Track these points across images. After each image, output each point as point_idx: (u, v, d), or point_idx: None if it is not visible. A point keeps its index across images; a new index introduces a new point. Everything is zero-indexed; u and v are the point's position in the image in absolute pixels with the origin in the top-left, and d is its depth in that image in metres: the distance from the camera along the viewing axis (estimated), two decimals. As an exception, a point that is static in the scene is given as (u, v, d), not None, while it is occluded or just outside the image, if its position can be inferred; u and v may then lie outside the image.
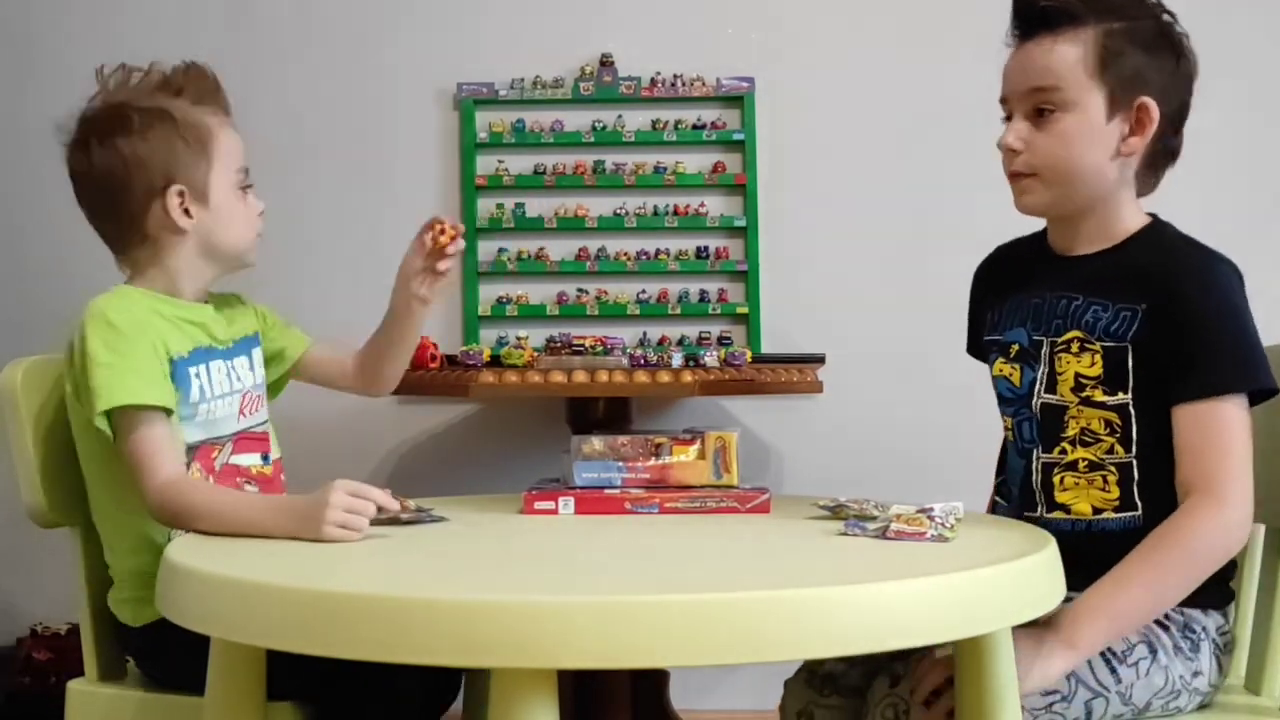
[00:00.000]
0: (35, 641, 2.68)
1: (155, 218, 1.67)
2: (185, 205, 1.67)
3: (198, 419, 1.67)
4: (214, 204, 1.69)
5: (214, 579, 1.22)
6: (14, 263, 3.00)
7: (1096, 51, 1.54)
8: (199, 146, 1.68)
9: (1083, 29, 1.54)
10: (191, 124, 1.68)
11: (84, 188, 1.71)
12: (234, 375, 1.74)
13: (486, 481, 2.75)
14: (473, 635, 1.05)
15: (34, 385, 1.71)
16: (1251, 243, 2.75)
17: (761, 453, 2.87)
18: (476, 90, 2.91)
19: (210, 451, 1.70)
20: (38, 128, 3.08)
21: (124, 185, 1.66)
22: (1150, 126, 1.55)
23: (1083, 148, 1.55)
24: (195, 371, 1.68)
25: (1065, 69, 1.54)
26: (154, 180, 1.66)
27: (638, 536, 1.48)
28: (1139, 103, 1.54)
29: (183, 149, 1.67)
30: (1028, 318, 1.63)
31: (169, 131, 1.67)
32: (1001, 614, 1.23)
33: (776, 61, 2.90)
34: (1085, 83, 1.54)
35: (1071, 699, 1.47)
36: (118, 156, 1.66)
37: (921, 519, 1.42)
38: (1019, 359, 1.63)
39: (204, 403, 1.68)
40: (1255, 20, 2.86)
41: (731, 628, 1.06)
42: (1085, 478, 1.56)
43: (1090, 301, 1.57)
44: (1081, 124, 1.55)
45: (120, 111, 1.67)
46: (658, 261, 2.88)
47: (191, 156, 1.67)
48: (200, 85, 1.72)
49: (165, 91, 1.70)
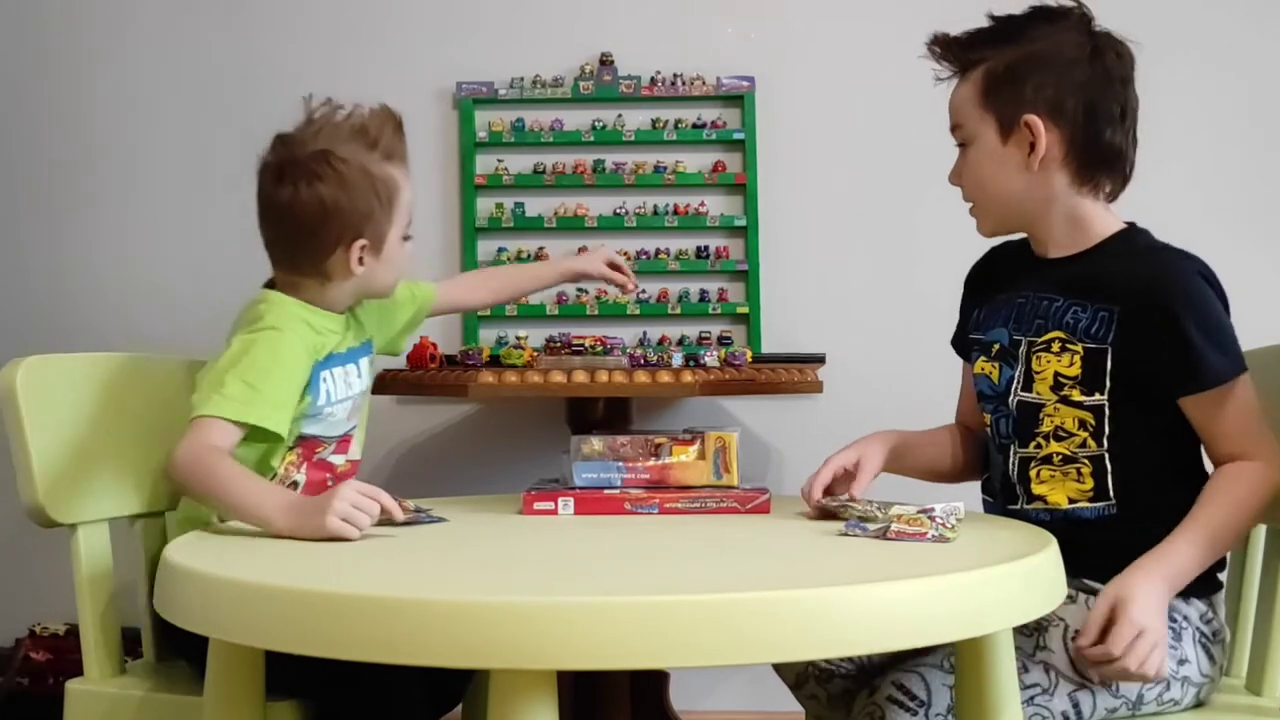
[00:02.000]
0: (34, 642, 2.67)
1: (335, 260, 1.75)
2: (362, 256, 1.75)
3: (321, 418, 1.76)
4: (385, 254, 1.77)
5: (214, 579, 1.22)
6: (15, 262, 3.00)
7: (981, 85, 1.64)
8: (387, 203, 1.75)
9: (977, 67, 1.65)
10: (384, 181, 1.75)
11: (276, 219, 1.77)
12: (348, 381, 1.81)
13: (486, 481, 2.74)
14: (472, 636, 1.05)
15: (34, 384, 1.71)
16: (1252, 243, 2.77)
17: (761, 453, 2.87)
18: (476, 89, 2.90)
19: (316, 446, 1.78)
20: (38, 127, 3.08)
21: (317, 229, 1.73)
22: (1040, 140, 1.60)
23: (990, 173, 1.65)
24: (324, 376, 1.76)
25: (962, 106, 1.67)
26: (344, 232, 1.73)
27: (637, 537, 1.48)
28: (1025, 120, 1.61)
29: (375, 206, 1.74)
30: (1010, 318, 1.68)
31: (367, 189, 1.73)
32: (1001, 614, 1.23)
33: (776, 61, 2.90)
34: (977, 115, 1.65)
35: (1053, 692, 1.50)
36: (317, 204, 1.72)
37: (922, 519, 1.42)
38: (998, 357, 1.68)
39: (329, 405, 1.77)
40: (1251, 18, 2.86)
41: (731, 628, 1.06)
42: (1060, 470, 1.61)
43: (1070, 303, 1.61)
44: (982, 153, 1.66)
45: (326, 159, 1.72)
46: (658, 261, 2.88)
47: (380, 213, 1.75)
48: (393, 140, 1.78)
49: (363, 141, 1.75)
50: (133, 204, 2.99)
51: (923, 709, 1.47)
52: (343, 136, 1.75)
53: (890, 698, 1.49)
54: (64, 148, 3.00)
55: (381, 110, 1.80)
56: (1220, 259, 1.62)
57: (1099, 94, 1.61)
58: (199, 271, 2.96)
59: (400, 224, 1.78)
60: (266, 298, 1.77)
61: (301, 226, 1.73)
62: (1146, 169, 1.70)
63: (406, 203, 1.79)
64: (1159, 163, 1.80)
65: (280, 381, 1.68)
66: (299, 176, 1.72)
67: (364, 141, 1.75)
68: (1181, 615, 1.56)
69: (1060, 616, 1.53)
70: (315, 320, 1.76)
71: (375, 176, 1.74)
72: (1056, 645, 1.52)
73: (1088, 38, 1.63)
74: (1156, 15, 2.74)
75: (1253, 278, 1.70)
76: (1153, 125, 1.71)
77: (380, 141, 1.76)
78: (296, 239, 1.75)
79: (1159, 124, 1.77)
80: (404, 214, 1.79)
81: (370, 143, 1.75)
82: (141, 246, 2.98)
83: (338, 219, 1.72)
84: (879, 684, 1.52)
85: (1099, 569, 1.56)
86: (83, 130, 2.99)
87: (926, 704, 1.47)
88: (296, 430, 1.74)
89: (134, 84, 2.98)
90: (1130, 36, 1.66)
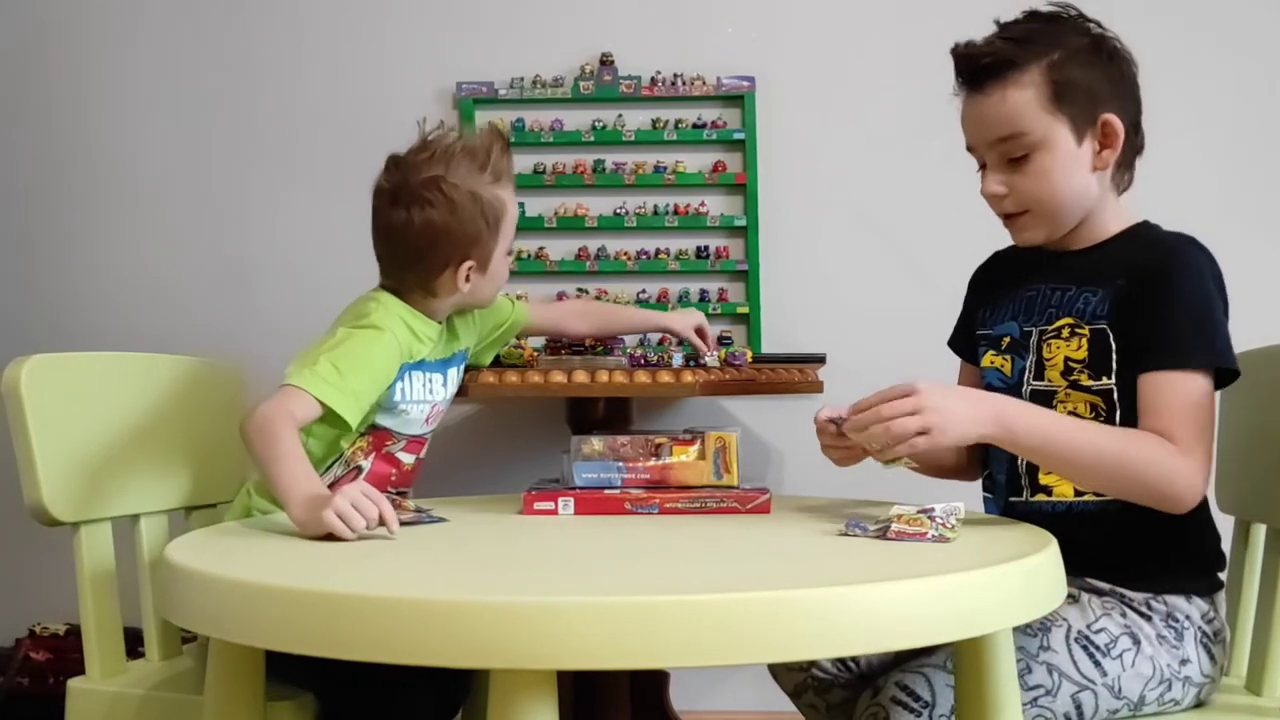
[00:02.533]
0: (34, 642, 2.67)
1: (443, 279, 1.83)
2: (469, 274, 1.83)
3: (395, 413, 1.83)
4: (490, 272, 1.87)
5: (214, 580, 1.22)
6: (16, 262, 3.00)
7: (1047, 87, 1.58)
8: (494, 225, 1.83)
9: (1026, 70, 1.59)
10: (492, 204, 1.82)
11: (390, 238, 1.84)
12: (430, 388, 1.88)
13: (486, 482, 2.74)
14: (472, 636, 1.05)
15: (38, 383, 1.71)
16: (1253, 242, 2.76)
17: (761, 453, 2.87)
18: (476, 89, 2.90)
19: (386, 439, 1.85)
20: (39, 127, 3.08)
21: (428, 250, 1.81)
22: (1118, 138, 1.60)
23: (1063, 177, 1.60)
24: (405, 376, 1.83)
25: (1023, 113, 1.59)
26: (453, 254, 1.81)
27: (637, 537, 1.48)
28: (1102, 120, 1.60)
29: (483, 229, 1.82)
30: (1019, 311, 1.68)
31: (476, 213, 1.81)
32: (1001, 614, 1.22)
33: (777, 61, 2.90)
34: (1047, 119, 1.59)
35: (1056, 693, 1.49)
36: (429, 227, 1.79)
37: (922, 519, 1.41)
38: (1010, 350, 1.68)
39: (404, 403, 1.84)
40: (1256, 13, 2.86)
41: (731, 628, 1.06)
42: None
43: (1081, 290, 1.62)
44: (1056, 157, 1.60)
45: (437, 185, 1.79)
46: (658, 261, 2.88)
47: (487, 235, 1.83)
48: (501, 160, 1.83)
49: (473, 164, 1.81)
50: (136, 204, 2.99)
51: (926, 709, 1.47)
52: (454, 160, 1.81)
53: (894, 698, 1.48)
54: (66, 148, 3.00)
55: (490, 131, 1.87)
56: (1225, 257, 1.61)
57: (1137, 91, 1.64)
58: (202, 272, 2.96)
59: (505, 241, 1.86)
60: (377, 296, 1.84)
61: (412, 248, 1.81)
62: (1153, 167, 1.70)
63: (512, 219, 1.86)
64: (1164, 159, 1.80)
65: (366, 376, 1.74)
66: (412, 201, 1.79)
67: (474, 164, 1.81)
68: (1183, 615, 1.56)
69: (1063, 617, 1.53)
70: (416, 325, 1.84)
71: (484, 200, 1.81)
72: (1060, 646, 1.52)
73: (1100, 36, 1.63)
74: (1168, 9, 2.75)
75: (1253, 277, 1.71)
76: (1160, 120, 1.71)
77: (490, 163, 1.82)
78: (407, 259, 1.83)
79: (1164, 119, 1.77)
80: (509, 231, 1.86)
81: (480, 165, 1.81)
82: (145, 247, 2.98)
83: (447, 242, 1.80)
84: (882, 685, 1.52)
85: (1102, 566, 1.57)
86: (84, 130, 2.99)
87: (930, 704, 1.47)
88: (370, 418, 1.81)
89: (136, 84, 2.98)
90: (1139, 34, 1.67)
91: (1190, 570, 1.59)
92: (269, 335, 1.99)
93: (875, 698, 1.51)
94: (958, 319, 1.86)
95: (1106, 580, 1.58)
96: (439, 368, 1.90)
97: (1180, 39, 2.80)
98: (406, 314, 1.83)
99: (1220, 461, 1.77)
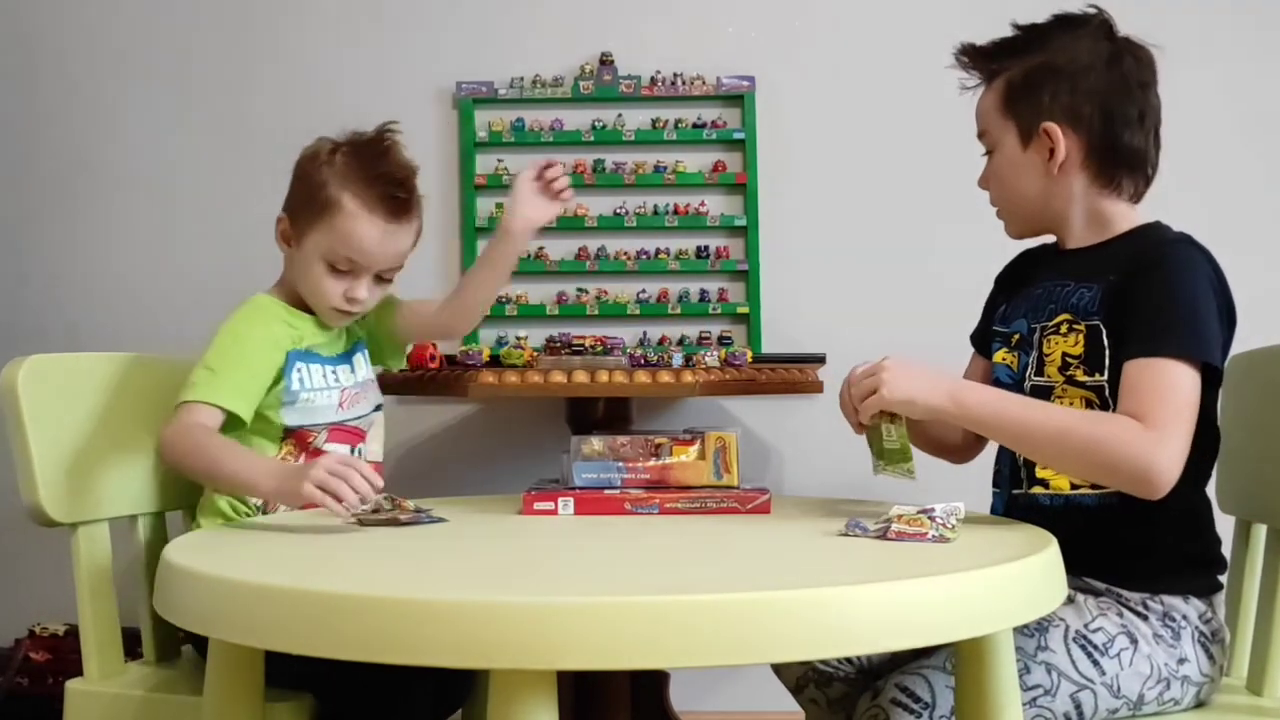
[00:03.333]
0: (33, 642, 2.67)
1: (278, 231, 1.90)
2: (283, 233, 1.89)
3: (297, 405, 1.82)
4: (304, 251, 1.85)
5: (213, 580, 1.22)
6: (16, 262, 3.00)
7: (1002, 94, 1.68)
8: (320, 209, 1.83)
9: (1001, 75, 1.69)
10: (332, 196, 1.83)
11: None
12: (334, 377, 1.88)
13: (486, 482, 2.75)
14: (471, 636, 1.05)
15: (34, 384, 1.71)
16: (1253, 241, 2.76)
17: (761, 453, 2.87)
18: (476, 89, 2.90)
19: (307, 436, 1.84)
20: (36, 128, 3.07)
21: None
22: (1059, 146, 1.64)
23: (1013, 179, 1.69)
24: (298, 366, 1.84)
25: (986, 114, 1.71)
26: (287, 204, 1.90)
27: (637, 537, 1.48)
28: (1043, 128, 1.64)
29: (307, 205, 1.85)
30: (1029, 309, 1.70)
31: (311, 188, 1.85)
32: (1001, 614, 1.22)
33: (777, 60, 2.90)
34: (1000, 123, 1.69)
35: (1055, 693, 1.50)
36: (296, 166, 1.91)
37: (922, 519, 1.41)
38: (1018, 347, 1.70)
39: (304, 392, 1.83)
40: (1249, 17, 2.86)
41: (731, 628, 1.06)
42: None
43: (1080, 286, 1.63)
44: (1004, 160, 1.70)
45: (317, 149, 1.88)
46: (658, 261, 2.88)
47: (309, 213, 1.84)
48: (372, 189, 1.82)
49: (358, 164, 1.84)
50: (133, 205, 2.99)
51: (926, 710, 1.47)
52: (356, 150, 1.84)
53: (894, 700, 1.48)
54: (62, 149, 3.00)
55: (400, 165, 1.86)
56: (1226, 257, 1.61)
57: (1116, 99, 1.63)
58: (200, 272, 2.96)
59: (327, 238, 1.82)
60: (248, 300, 1.88)
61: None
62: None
63: (345, 231, 1.81)
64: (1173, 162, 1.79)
65: (241, 368, 1.77)
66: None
67: (358, 165, 1.83)
68: (1180, 614, 1.56)
69: (1060, 617, 1.53)
70: (289, 316, 1.87)
71: (329, 186, 1.82)
72: (1058, 646, 1.52)
73: (1107, 44, 1.64)
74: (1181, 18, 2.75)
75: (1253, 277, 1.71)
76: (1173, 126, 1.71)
77: (363, 176, 1.82)
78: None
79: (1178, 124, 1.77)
80: (340, 235, 1.81)
81: (359, 170, 1.82)
82: (143, 247, 2.98)
83: (290, 194, 1.88)
84: (882, 686, 1.52)
85: (1100, 565, 1.57)
86: (81, 131, 2.99)
87: (930, 705, 1.47)
88: (280, 422, 1.81)
89: (133, 84, 2.98)
90: (1154, 41, 1.67)
91: (1188, 571, 1.58)
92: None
93: (875, 699, 1.51)
94: (982, 315, 1.87)
95: (1103, 580, 1.58)
96: (339, 361, 1.90)
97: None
98: (275, 305, 1.87)
99: (1220, 461, 1.77)
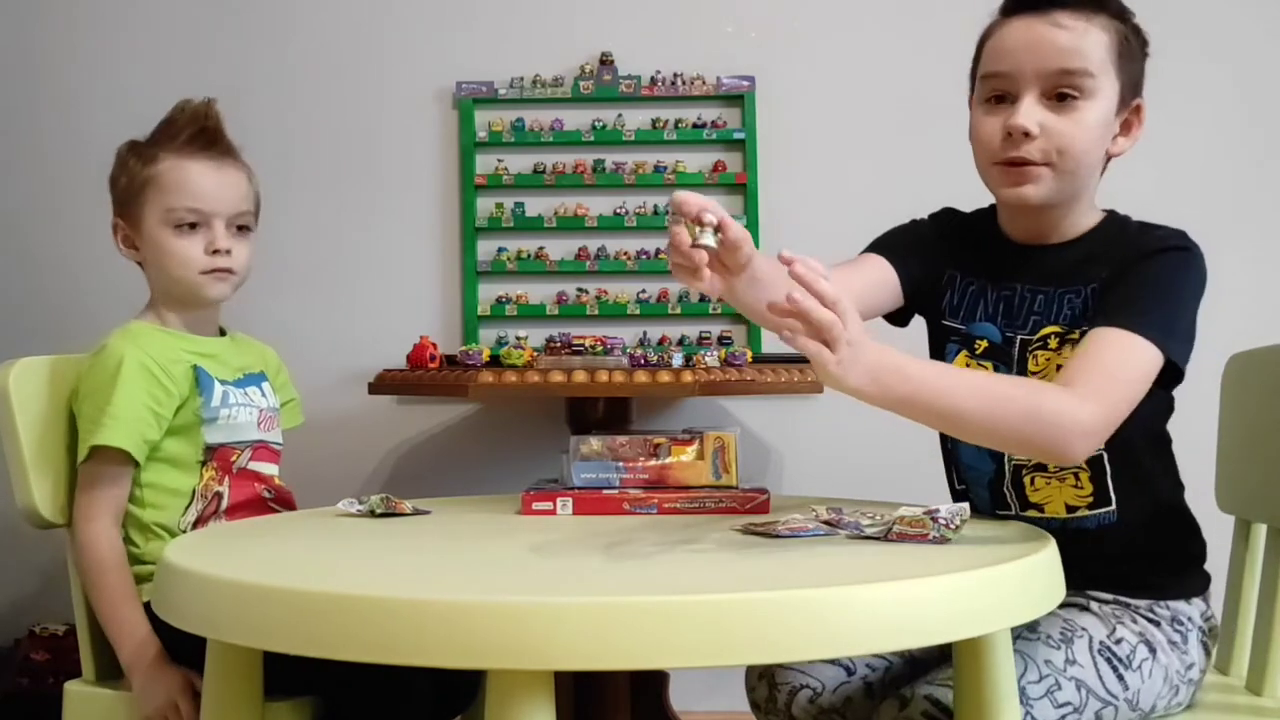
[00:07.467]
0: (33, 642, 2.67)
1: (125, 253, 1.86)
2: (125, 238, 1.83)
3: (219, 422, 1.77)
4: (148, 237, 1.80)
5: (212, 580, 1.22)
6: (10, 264, 3.00)
7: (1119, 43, 1.48)
8: (141, 183, 1.80)
9: (1110, 18, 1.49)
10: (142, 159, 1.81)
11: None
12: (246, 397, 1.84)
13: (485, 481, 2.75)
14: (469, 636, 1.05)
15: (27, 386, 1.71)
16: (1250, 241, 2.76)
17: (761, 453, 2.86)
18: (476, 89, 2.90)
19: (230, 454, 1.79)
20: (34, 127, 3.07)
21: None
22: (1139, 130, 1.54)
23: (1095, 139, 1.49)
24: (215, 382, 1.79)
25: (1099, 55, 1.46)
26: (115, 213, 1.85)
27: (636, 537, 1.48)
28: (1136, 103, 1.53)
29: (128, 186, 1.81)
30: (998, 313, 1.58)
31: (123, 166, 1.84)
32: (1001, 614, 1.22)
33: (777, 60, 2.90)
34: (1111, 73, 1.47)
35: (1083, 710, 1.46)
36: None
37: (925, 520, 1.41)
38: (988, 356, 1.58)
39: (224, 407, 1.78)
40: (1249, 13, 2.85)
41: (730, 628, 1.05)
42: (1056, 477, 1.54)
43: (1063, 292, 1.53)
44: (1096, 114, 1.48)
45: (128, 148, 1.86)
46: (658, 261, 2.88)
47: (133, 193, 1.80)
48: (172, 127, 1.83)
49: (165, 132, 1.83)
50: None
51: None
52: (152, 131, 1.83)
53: (924, 712, 1.43)
54: (59, 148, 2.99)
55: (185, 102, 1.86)
56: (1225, 256, 1.60)
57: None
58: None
59: (161, 202, 1.78)
60: (123, 329, 1.79)
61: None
62: (1143, 162, 1.69)
63: (168, 181, 1.78)
64: (1154, 155, 1.79)
65: (121, 400, 1.68)
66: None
67: (166, 133, 1.82)
68: (1186, 617, 1.54)
69: (1082, 627, 1.50)
70: (159, 335, 1.79)
71: (137, 153, 1.81)
72: (1085, 659, 1.47)
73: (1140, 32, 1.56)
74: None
75: (1251, 276, 1.71)
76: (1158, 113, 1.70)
77: (162, 127, 1.81)
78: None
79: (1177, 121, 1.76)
80: (171, 192, 1.78)
81: (160, 130, 1.82)
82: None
83: (114, 204, 1.83)
84: (910, 697, 1.45)
85: (1105, 581, 1.54)
86: (77, 131, 2.99)
87: None
88: (201, 440, 1.76)
89: (131, 84, 2.98)
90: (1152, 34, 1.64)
91: (1188, 571, 1.57)
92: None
93: (903, 710, 1.45)
94: (901, 229, 1.73)
95: (1112, 594, 1.54)
96: (244, 384, 1.84)
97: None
98: (142, 327, 1.79)
99: (1220, 461, 1.77)
